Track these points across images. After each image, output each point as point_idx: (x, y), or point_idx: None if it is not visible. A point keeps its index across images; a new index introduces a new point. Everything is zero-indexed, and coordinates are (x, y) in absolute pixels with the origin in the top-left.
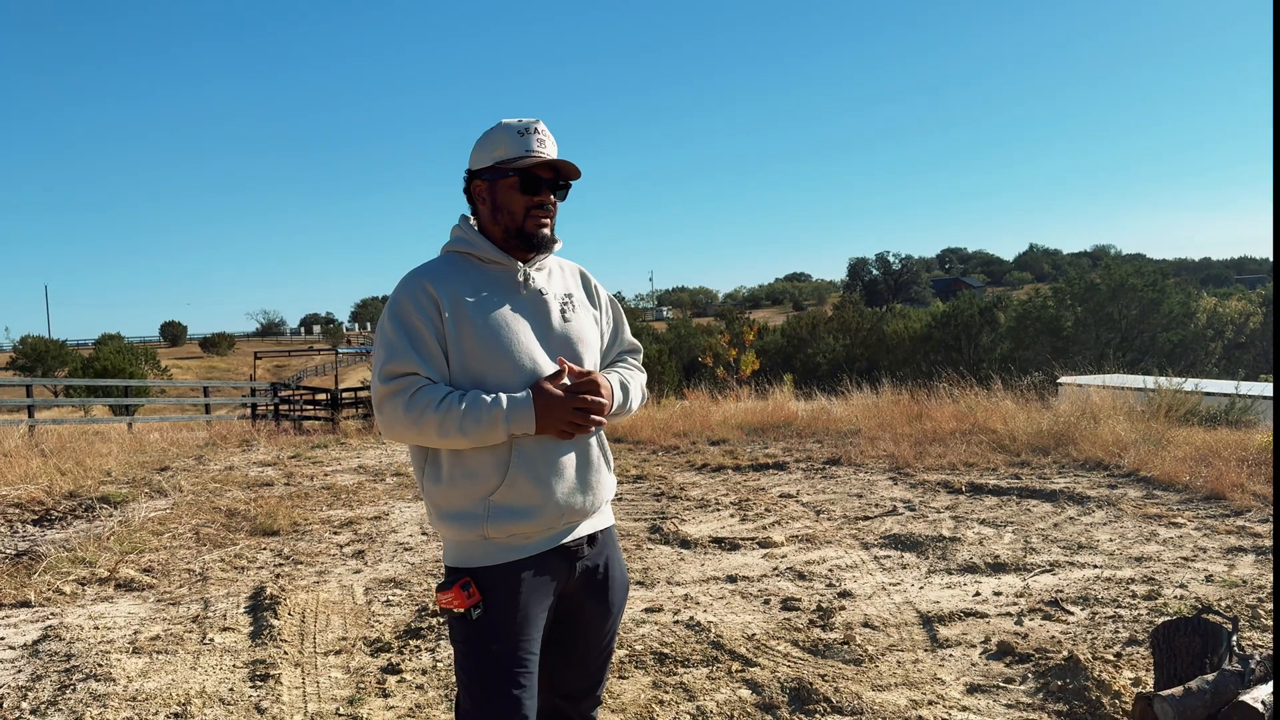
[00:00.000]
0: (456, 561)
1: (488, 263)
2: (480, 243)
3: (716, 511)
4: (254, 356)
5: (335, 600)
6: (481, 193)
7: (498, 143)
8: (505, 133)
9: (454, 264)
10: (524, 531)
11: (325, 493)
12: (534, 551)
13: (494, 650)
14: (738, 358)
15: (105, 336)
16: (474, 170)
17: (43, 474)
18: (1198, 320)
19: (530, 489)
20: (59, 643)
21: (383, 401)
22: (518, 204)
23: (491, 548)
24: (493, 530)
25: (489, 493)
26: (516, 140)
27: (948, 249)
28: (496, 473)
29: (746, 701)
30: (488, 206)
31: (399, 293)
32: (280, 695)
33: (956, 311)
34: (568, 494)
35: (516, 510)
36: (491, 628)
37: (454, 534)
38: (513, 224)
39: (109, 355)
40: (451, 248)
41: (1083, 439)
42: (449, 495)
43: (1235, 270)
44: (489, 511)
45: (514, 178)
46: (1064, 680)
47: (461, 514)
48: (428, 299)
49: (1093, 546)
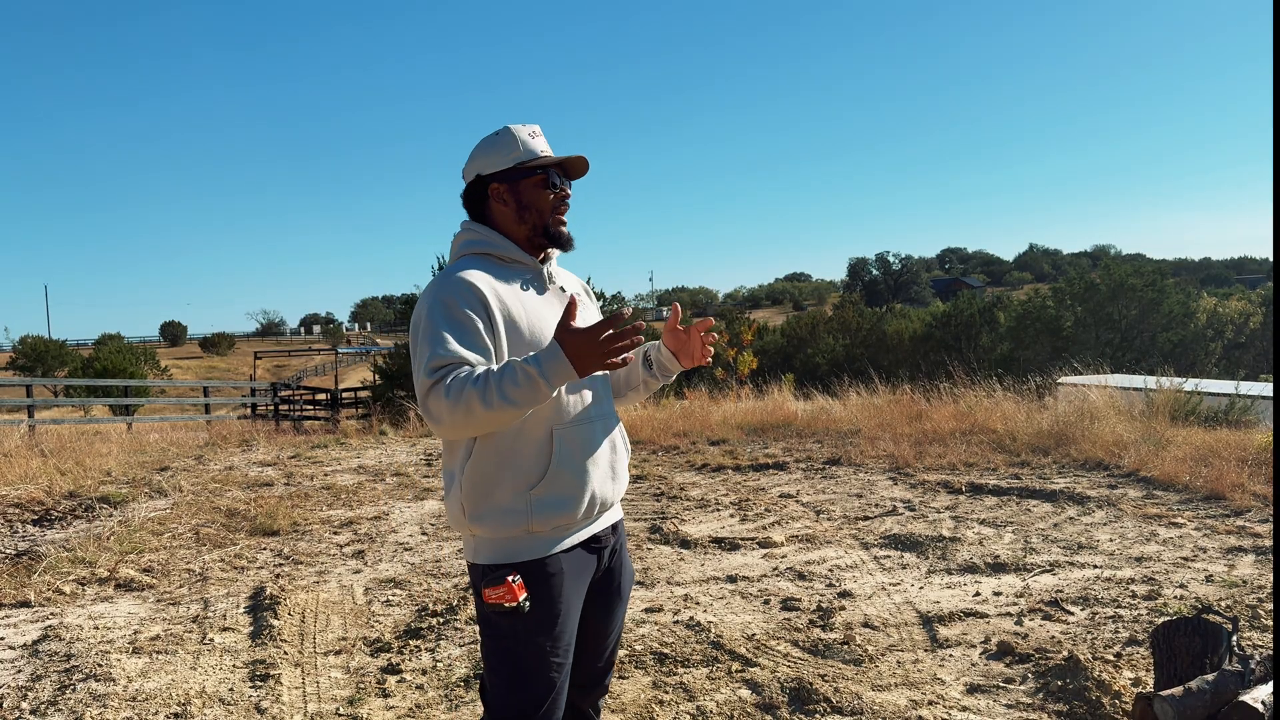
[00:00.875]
0: (496, 558)
1: (510, 263)
2: (503, 243)
3: (716, 511)
4: (254, 356)
5: (335, 600)
6: (502, 194)
7: (512, 145)
8: (518, 135)
9: (483, 264)
10: (566, 523)
11: (325, 493)
12: (573, 542)
13: (539, 643)
14: (737, 357)
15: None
16: (487, 174)
17: (42, 474)
18: (1198, 320)
19: (571, 480)
20: (59, 643)
21: (428, 393)
22: (545, 202)
23: (535, 541)
24: (538, 524)
25: (531, 486)
26: (530, 142)
27: (948, 249)
28: (539, 465)
29: (746, 702)
30: (511, 207)
31: (442, 291)
32: (280, 695)
33: (956, 311)
34: (601, 482)
35: (561, 502)
36: (538, 622)
37: (494, 531)
38: (540, 221)
39: (109, 355)
40: (471, 250)
41: (1083, 439)
42: (491, 493)
43: (1235, 270)
44: (532, 505)
45: (540, 175)
46: (1064, 680)
47: (505, 510)
48: (474, 296)
49: (1093, 546)
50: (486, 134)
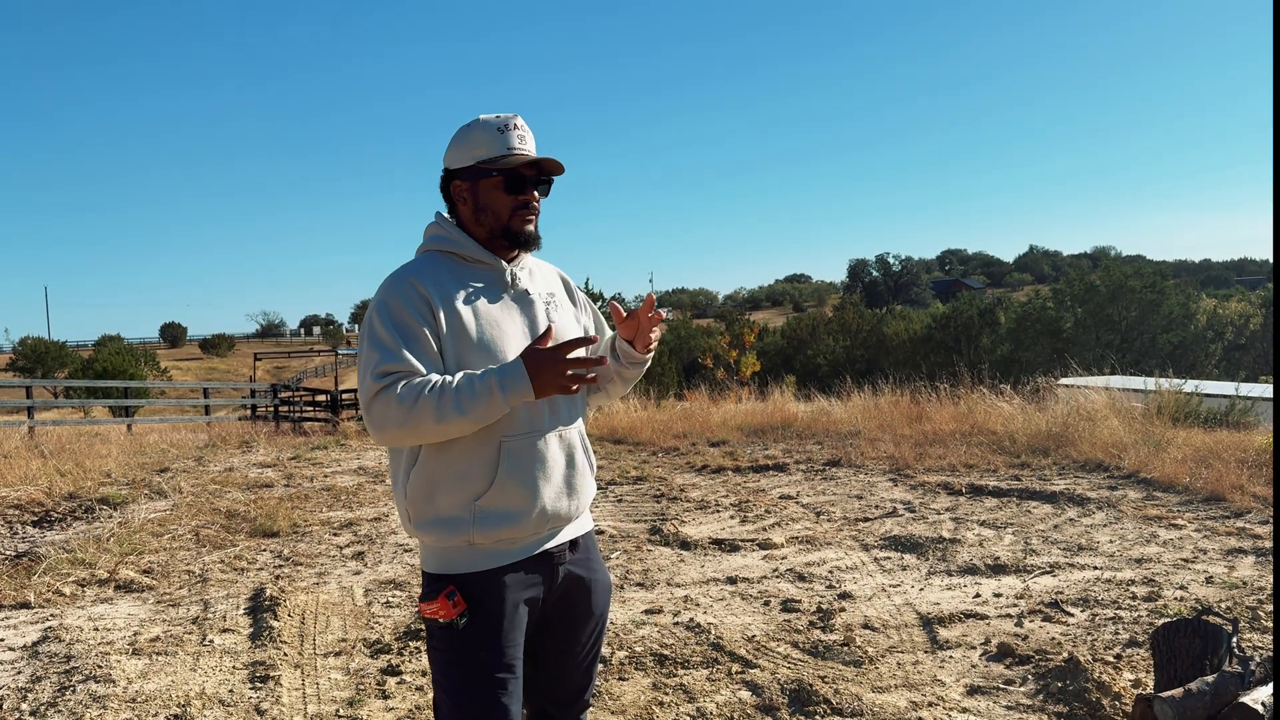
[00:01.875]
0: (438, 568)
1: (472, 262)
2: (464, 241)
3: (716, 513)
4: (254, 358)
5: (335, 602)
6: (462, 192)
7: (477, 141)
8: (484, 130)
9: (438, 263)
10: (511, 536)
11: (325, 494)
12: (519, 557)
13: (481, 658)
14: (738, 359)
15: (105, 338)
16: (453, 169)
17: (42, 475)
18: (1198, 322)
19: (519, 492)
20: (58, 644)
21: (373, 399)
22: (502, 204)
23: (476, 554)
24: (479, 536)
25: (476, 496)
26: (496, 137)
27: (948, 250)
28: (485, 475)
29: (746, 703)
30: (469, 206)
31: (387, 292)
32: (280, 697)
33: (956, 313)
34: (554, 498)
35: (504, 515)
36: (478, 636)
37: (437, 540)
38: (498, 224)
39: (109, 356)
40: (432, 247)
41: (1082, 440)
42: (433, 500)
43: (1235, 272)
44: (476, 516)
45: (498, 177)
46: (1064, 682)
47: (447, 519)
48: (419, 297)
49: (1093, 548)
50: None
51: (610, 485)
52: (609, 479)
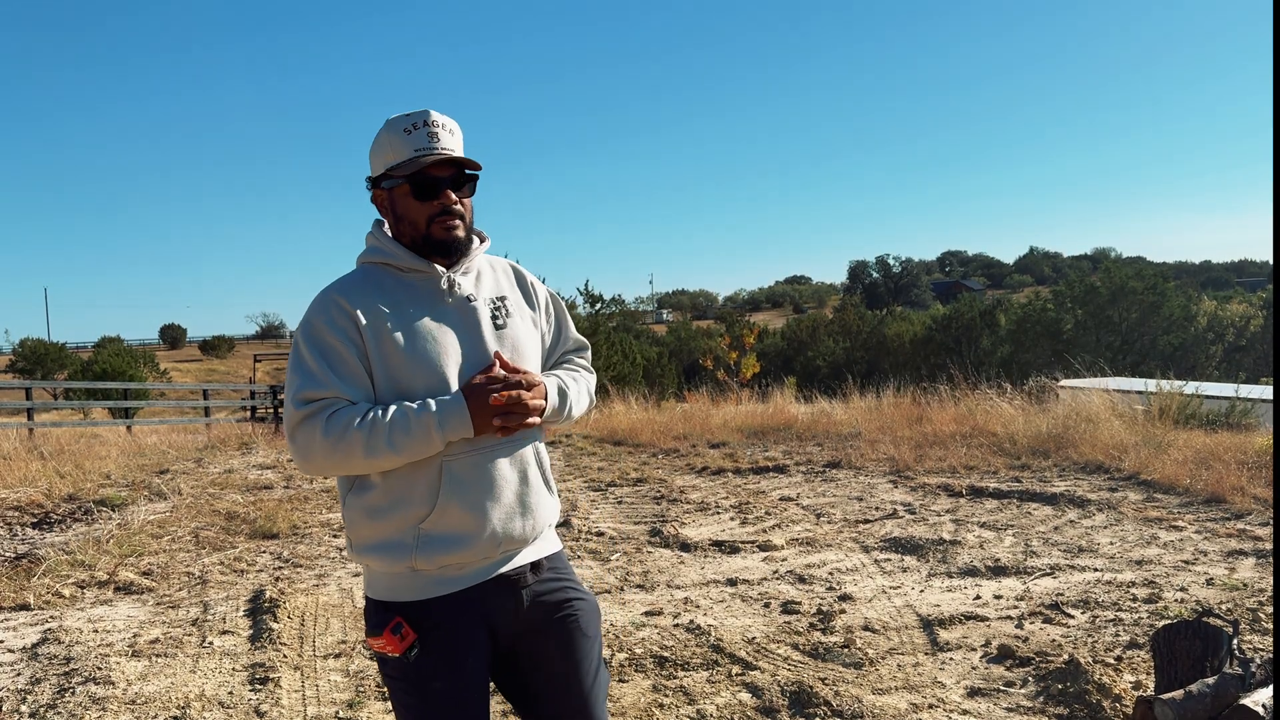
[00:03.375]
0: (382, 595)
1: (406, 272)
2: (396, 251)
3: (716, 514)
4: (253, 359)
5: (335, 603)
6: (383, 202)
7: (385, 146)
8: (391, 133)
9: (370, 277)
10: (457, 562)
11: (325, 495)
12: (469, 583)
13: (436, 688)
14: (738, 360)
15: (105, 339)
16: (372, 178)
17: (42, 477)
18: (1198, 323)
19: (463, 515)
20: (58, 646)
21: (296, 428)
22: (417, 212)
23: (422, 580)
24: (422, 562)
25: (418, 520)
26: (404, 140)
27: (948, 252)
28: (427, 499)
29: (747, 705)
30: (391, 217)
31: (311, 314)
32: (280, 698)
33: (957, 314)
34: (504, 519)
35: (449, 539)
36: (430, 666)
37: (380, 565)
38: (417, 233)
39: (108, 358)
40: (366, 259)
41: (1083, 442)
42: (374, 524)
43: (1235, 273)
44: (418, 541)
45: (405, 185)
46: (1064, 683)
47: (388, 544)
48: (344, 316)
49: (1093, 550)
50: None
51: (610, 487)
52: (609, 480)
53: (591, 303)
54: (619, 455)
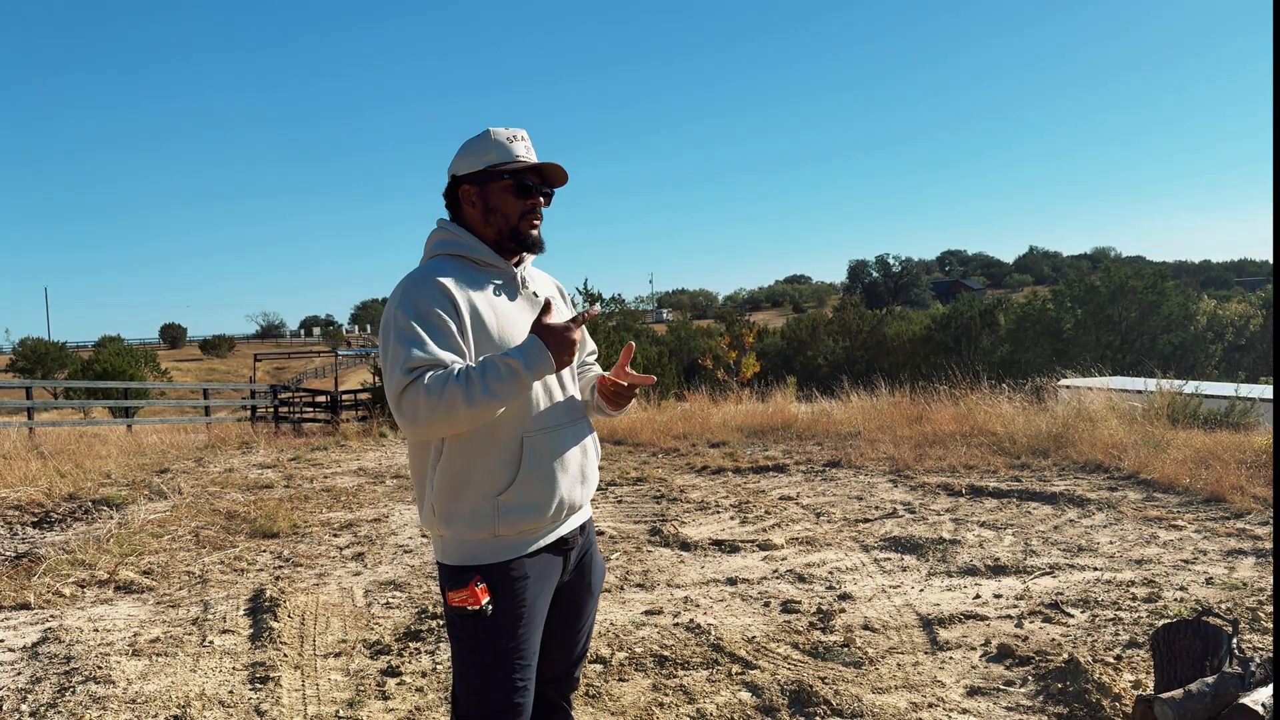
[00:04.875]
0: (462, 560)
1: (484, 265)
2: (475, 245)
3: (716, 514)
4: (254, 359)
5: (335, 603)
6: (471, 196)
7: (488, 148)
8: (495, 139)
9: (454, 266)
10: (533, 528)
11: (325, 495)
12: (539, 545)
13: (503, 645)
14: (738, 360)
15: (105, 339)
16: (460, 175)
17: (42, 476)
18: (1198, 323)
19: (540, 486)
20: (58, 645)
21: (402, 394)
22: (512, 207)
23: (501, 545)
24: (504, 528)
25: (499, 490)
26: (505, 147)
27: (948, 251)
28: (508, 471)
29: (746, 704)
30: (478, 210)
31: (412, 290)
32: (280, 698)
33: (956, 314)
34: (570, 487)
35: (528, 507)
36: (502, 625)
37: (462, 533)
38: (506, 226)
39: (109, 357)
40: (444, 251)
41: (1082, 441)
42: (459, 495)
43: (1235, 273)
44: (500, 510)
45: (509, 180)
46: (1064, 683)
47: (471, 513)
48: (444, 297)
49: (1093, 549)
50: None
51: (610, 486)
52: (609, 480)
53: (590, 302)
54: (619, 454)
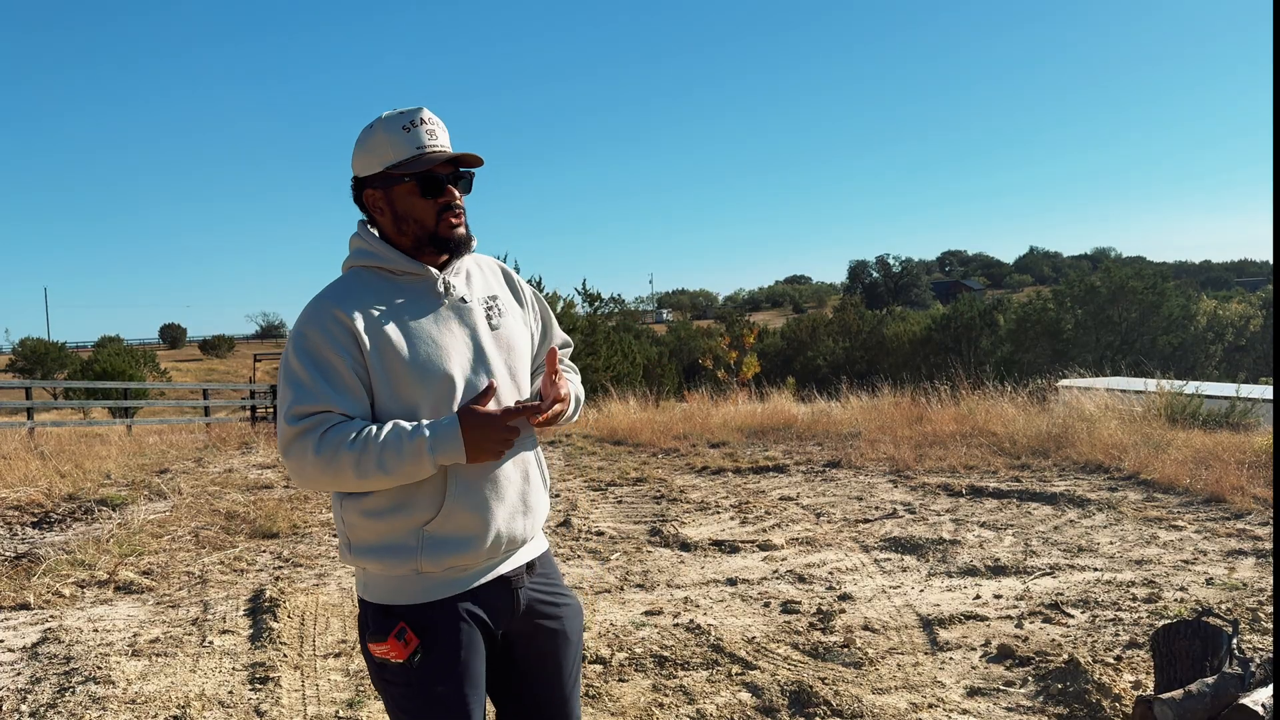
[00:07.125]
0: (383, 598)
1: (400, 275)
2: (388, 254)
3: (716, 514)
4: (253, 359)
5: (335, 603)
6: (378, 203)
7: (383, 144)
8: (388, 130)
9: (363, 281)
10: (462, 564)
11: (324, 495)
12: (472, 584)
13: (439, 692)
14: (738, 360)
15: (105, 339)
16: (362, 177)
17: (42, 476)
18: (1198, 323)
19: (470, 516)
20: (58, 645)
21: (290, 444)
22: (424, 210)
23: (426, 583)
24: (428, 564)
25: (423, 523)
26: (403, 137)
27: (948, 251)
28: (433, 500)
29: (746, 704)
30: (388, 217)
31: (304, 324)
32: (280, 698)
33: (957, 314)
34: (508, 519)
35: (455, 541)
36: (434, 670)
37: (381, 568)
38: (423, 232)
39: (108, 358)
40: (356, 262)
41: (1083, 442)
42: (376, 525)
43: (1235, 273)
44: (423, 543)
45: (411, 183)
46: (1064, 683)
47: (391, 546)
48: (338, 325)
49: (1093, 549)
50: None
51: (610, 486)
52: (609, 480)
53: (589, 301)
54: (619, 455)
